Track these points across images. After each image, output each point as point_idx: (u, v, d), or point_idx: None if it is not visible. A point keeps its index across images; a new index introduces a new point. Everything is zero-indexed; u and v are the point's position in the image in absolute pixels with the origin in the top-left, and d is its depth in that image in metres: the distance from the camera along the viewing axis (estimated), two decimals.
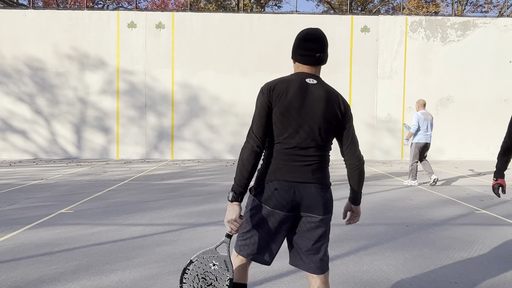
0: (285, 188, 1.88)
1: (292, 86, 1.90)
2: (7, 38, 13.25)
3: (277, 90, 1.89)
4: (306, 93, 1.90)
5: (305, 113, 1.89)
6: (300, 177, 1.90)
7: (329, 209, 1.96)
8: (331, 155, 2.14)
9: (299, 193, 1.89)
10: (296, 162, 1.90)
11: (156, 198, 6.51)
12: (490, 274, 3.37)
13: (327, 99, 1.93)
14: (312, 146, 1.91)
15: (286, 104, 1.87)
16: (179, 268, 3.44)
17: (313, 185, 1.91)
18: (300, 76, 1.95)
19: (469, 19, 13.91)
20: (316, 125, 1.89)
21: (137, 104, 13.49)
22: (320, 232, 1.95)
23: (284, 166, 1.90)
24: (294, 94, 1.88)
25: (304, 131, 1.89)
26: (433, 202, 6.37)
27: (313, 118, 1.89)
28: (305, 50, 1.94)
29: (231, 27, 13.60)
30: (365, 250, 3.96)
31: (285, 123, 1.88)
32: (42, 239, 4.24)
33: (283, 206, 1.88)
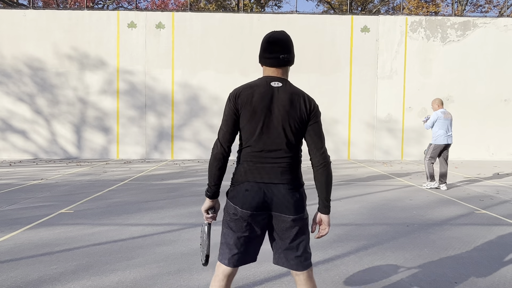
0: (255, 189, 1.94)
1: (257, 91, 1.96)
2: (7, 38, 13.25)
3: (242, 96, 1.96)
4: (271, 97, 1.95)
5: (271, 116, 1.94)
6: (269, 178, 1.95)
7: (300, 209, 1.98)
8: (330, 155, 2.14)
9: (269, 194, 1.94)
10: (266, 164, 1.96)
11: (156, 198, 6.51)
12: (490, 274, 3.37)
13: (292, 101, 1.96)
14: (280, 148, 1.96)
15: (251, 109, 1.94)
16: (179, 268, 3.44)
17: (283, 186, 1.96)
18: (265, 80, 1.99)
19: (469, 19, 13.91)
20: (282, 127, 1.95)
21: (137, 104, 13.49)
22: (295, 231, 1.98)
23: (254, 168, 1.96)
24: (259, 99, 1.94)
25: (271, 133, 1.95)
26: (433, 202, 6.37)
27: (279, 121, 1.94)
28: (269, 53, 1.98)
29: (231, 27, 13.60)
30: (365, 250, 3.96)
31: (252, 127, 1.95)
32: (42, 239, 4.24)
33: (253, 206, 1.93)
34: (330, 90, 13.72)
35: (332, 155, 13.69)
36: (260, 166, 1.96)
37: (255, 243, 2.02)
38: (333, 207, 5.93)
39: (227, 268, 2.01)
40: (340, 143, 13.75)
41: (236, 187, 1.99)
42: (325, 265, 3.53)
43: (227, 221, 2.01)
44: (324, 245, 4.10)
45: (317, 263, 3.59)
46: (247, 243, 1.99)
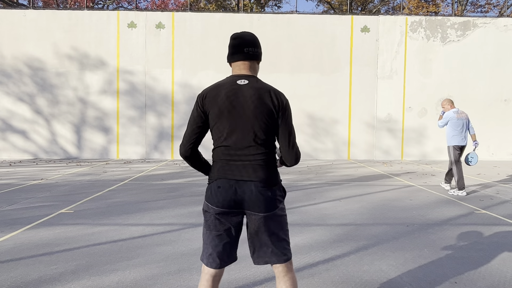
0: (226, 186, 1.95)
1: (223, 90, 1.96)
2: (7, 38, 13.25)
3: (209, 97, 1.97)
4: (236, 95, 1.95)
5: (238, 114, 1.94)
6: (240, 176, 1.95)
7: (271, 207, 1.96)
8: (330, 156, 2.14)
9: (240, 191, 1.94)
10: (237, 162, 1.96)
11: (156, 198, 6.51)
12: (490, 274, 3.37)
13: (259, 97, 1.94)
14: (251, 145, 1.95)
15: (218, 109, 1.95)
16: (179, 268, 3.44)
17: (253, 183, 1.94)
18: (232, 78, 2.00)
19: (469, 19, 13.91)
20: (250, 124, 1.94)
21: (137, 104, 13.49)
22: (268, 228, 1.98)
23: (226, 165, 1.97)
24: (224, 97, 1.95)
25: (240, 131, 1.94)
26: (433, 202, 6.37)
27: (246, 118, 1.94)
28: (233, 48, 2.02)
29: (231, 27, 13.59)
30: (365, 250, 3.96)
31: (221, 126, 1.96)
32: (42, 239, 4.24)
33: (224, 204, 1.94)
34: (330, 90, 13.72)
35: (332, 155, 13.70)
36: (232, 163, 1.97)
37: (230, 242, 2.01)
38: (333, 207, 5.93)
39: (210, 269, 2.02)
40: (340, 143, 13.75)
41: (210, 185, 2.01)
42: (325, 265, 3.53)
43: (204, 220, 2.04)
44: (324, 245, 4.10)
45: (317, 263, 3.59)
46: (221, 242, 1.99)
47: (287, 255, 2.04)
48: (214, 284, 2.03)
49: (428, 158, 13.77)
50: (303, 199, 6.58)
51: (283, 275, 2.03)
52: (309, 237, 4.37)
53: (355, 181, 8.62)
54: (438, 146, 13.72)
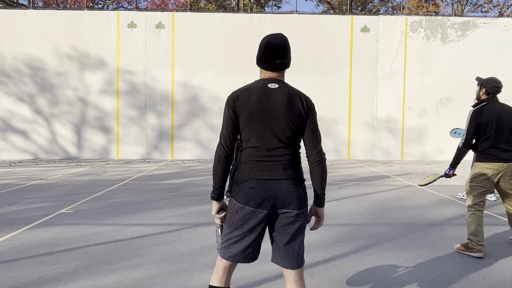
0: (258, 186, 2.00)
1: (254, 93, 2.03)
2: (7, 38, 13.25)
3: (240, 99, 2.03)
4: (268, 98, 2.02)
5: (269, 116, 2.01)
6: (271, 175, 2.01)
7: (303, 203, 2.05)
8: (330, 156, 2.15)
9: (273, 190, 2.00)
10: (267, 162, 2.03)
11: (156, 198, 6.51)
12: (490, 274, 3.37)
13: (289, 100, 2.03)
14: (280, 146, 2.03)
15: (250, 111, 2.01)
16: (179, 268, 3.44)
17: (286, 181, 2.02)
18: (262, 82, 2.07)
19: (469, 19, 13.91)
20: (280, 126, 2.02)
21: (137, 104, 13.49)
22: (297, 227, 2.05)
23: (256, 166, 2.03)
24: (256, 100, 2.02)
25: (270, 132, 2.02)
26: (433, 202, 6.37)
27: (277, 120, 2.02)
28: (266, 57, 2.06)
29: (231, 27, 13.60)
30: (365, 250, 3.96)
31: (251, 128, 2.02)
32: (42, 239, 4.24)
33: (258, 203, 2.00)
34: (330, 90, 13.72)
35: (332, 155, 13.70)
36: (262, 164, 2.02)
37: (256, 241, 2.07)
38: (333, 207, 5.93)
39: (227, 262, 2.10)
40: (340, 143, 13.75)
41: (240, 186, 2.05)
42: (325, 265, 3.53)
43: (230, 218, 2.07)
44: (324, 245, 4.10)
45: (317, 263, 3.59)
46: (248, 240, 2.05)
47: (302, 261, 2.10)
48: (229, 273, 2.14)
49: (428, 158, 13.77)
50: None
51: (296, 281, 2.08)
52: (309, 237, 4.37)
53: (355, 181, 8.62)
54: (438, 146, 13.72)
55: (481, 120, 3.81)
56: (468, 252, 3.83)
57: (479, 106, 3.92)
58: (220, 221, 2.19)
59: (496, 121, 3.81)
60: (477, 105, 3.96)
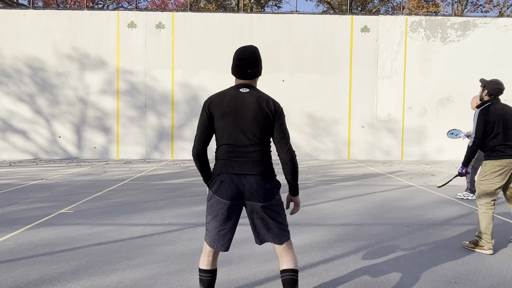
0: (229, 179, 2.24)
1: (227, 96, 2.29)
2: (7, 38, 13.25)
3: (214, 102, 2.29)
4: (238, 100, 2.27)
5: (239, 117, 2.25)
6: (241, 170, 2.24)
7: (268, 197, 2.26)
8: (330, 156, 2.17)
9: (241, 184, 2.23)
10: (238, 158, 2.25)
11: (156, 198, 6.51)
12: (490, 274, 3.37)
13: (257, 103, 2.26)
14: (250, 144, 2.25)
15: (222, 111, 2.26)
16: (179, 268, 3.44)
17: (254, 177, 2.24)
18: (235, 87, 2.33)
19: (469, 19, 13.91)
20: (249, 125, 2.25)
21: (137, 104, 13.49)
22: (267, 215, 2.28)
23: (228, 162, 2.27)
24: (228, 102, 2.26)
25: (240, 131, 2.25)
26: (433, 202, 6.37)
27: (246, 120, 2.25)
28: (239, 67, 2.31)
29: (231, 27, 13.59)
30: (365, 250, 3.96)
31: (224, 128, 2.27)
32: (42, 239, 4.24)
33: (227, 195, 2.23)
34: (330, 90, 13.72)
35: (332, 155, 13.70)
36: (234, 160, 2.26)
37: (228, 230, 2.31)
38: (333, 207, 5.94)
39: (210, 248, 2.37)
40: (340, 143, 13.75)
41: (214, 179, 2.30)
42: (325, 265, 3.53)
43: (208, 208, 2.32)
44: (324, 245, 4.10)
45: (317, 263, 3.59)
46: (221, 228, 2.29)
47: (286, 236, 2.35)
48: (214, 257, 2.40)
49: (428, 158, 13.76)
50: (303, 199, 6.58)
51: (285, 253, 2.35)
52: (309, 237, 4.37)
53: (355, 181, 8.62)
54: (438, 146, 13.71)
55: (488, 119, 3.90)
56: (478, 249, 3.87)
57: (485, 106, 4.01)
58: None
59: (502, 120, 3.89)
60: (481, 105, 4.07)
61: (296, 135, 13.63)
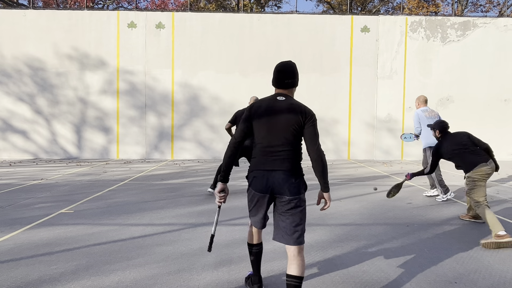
0: (260, 175, 2.56)
1: (266, 103, 2.62)
2: (7, 38, 13.25)
3: (255, 107, 2.64)
4: (274, 106, 2.58)
5: (274, 121, 2.55)
6: (271, 167, 2.54)
7: (295, 191, 2.50)
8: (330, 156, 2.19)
9: (271, 179, 2.52)
10: (269, 157, 2.56)
11: (156, 198, 6.51)
12: (490, 274, 3.37)
13: (291, 110, 2.55)
14: (280, 144, 2.54)
15: (260, 116, 2.59)
16: (179, 268, 3.44)
17: (281, 172, 2.52)
18: (274, 95, 2.65)
19: (469, 19, 13.91)
20: (281, 129, 2.54)
21: (137, 104, 13.49)
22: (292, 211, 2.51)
23: (261, 159, 2.59)
24: (265, 108, 2.59)
25: (273, 134, 2.55)
26: (433, 202, 6.37)
27: (280, 125, 2.55)
28: (278, 79, 2.64)
29: (231, 27, 13.59)
30: (365, 250, 3.96)
31: (260, 130, 2.59)
32: (42, 239, 4.24)
33: (259, 189, 2.55)
34: (330, 90, 13.72)
35: (332, 155, 13.70)
36: (265, 158, 2.57)
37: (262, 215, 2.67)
38: (333, 207, 5.94)
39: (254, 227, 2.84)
40: (340, 143, 13.75)
41: (250, 174, 2.64)
42: (325, 265, 3.53)
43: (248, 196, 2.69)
44: (324, 245, 4.10)
45: (317, 263, 3.59)
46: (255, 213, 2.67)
47: (300, 239, 2.52)
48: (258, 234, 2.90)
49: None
50: None
51: (295, 258, 2.51)
52: (309, 237, 4.37)
53: (355, 181, 8.62)
54: None
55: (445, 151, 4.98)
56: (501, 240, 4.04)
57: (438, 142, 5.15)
58: (219, 200, 2.70)
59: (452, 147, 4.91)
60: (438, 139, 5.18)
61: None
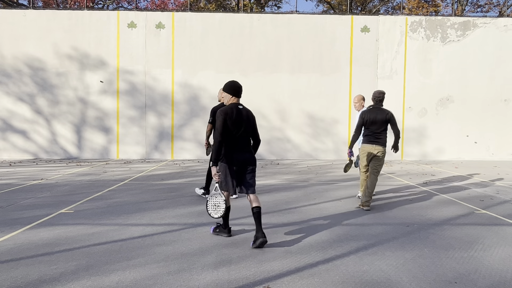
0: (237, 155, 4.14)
1: (234, 110, 4.14)
2: (7, 38, 13.25)
3: (228, 113, 4.09)
4: (240, 113, 4.16)
5: (240, 122, 4.14)
6: (243, 150, 4.18)
7: (255, 163, 4.25)
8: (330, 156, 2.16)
9: (243, 156, 4.16)
10: (241, 144, 4.16)
11: (156, 198, 6.51)
12: (490, 274, 3.37)
13: (247, 115, 4.22)
14: (246, 136, 4.20)
15: (233, 119, 4.09)
16: (179, 268, 3.44)
17: (248, 153, 4.21)
18: (236, 104, 4.20)
19: (469, 19, 13.91)
20: (245, 127, 4.17)
21: (137, 104, 13.48)
22: (252, 173, 4.22)
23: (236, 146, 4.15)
24: (236, 114, 4.13)
25: (241, 130, 4.15)
26: (433, 202, 6.37)
27: (243, 124, 4.16)
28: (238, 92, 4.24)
29: (231, 27, 13.59)
30: (365, 250, 3.96)
31: (234, 129, 4.10)
32: (42, 239, 4.24)
33: (236, 163, 4.14)
34: (330, 90, 13.71)
35: (332, 155, 13.70)
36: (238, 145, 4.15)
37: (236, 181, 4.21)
38: (333, 207, 5.94)
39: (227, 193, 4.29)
40: (340, 143, 13.75)
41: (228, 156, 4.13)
42: (325, 265, 3.53)
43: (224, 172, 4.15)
44: (324, 245, 4.10)
45: (317, 263, 3.59)
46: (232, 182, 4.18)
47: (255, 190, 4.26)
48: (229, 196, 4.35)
49: (428, 158, 13.77)
50: (303, 199, 6.58)
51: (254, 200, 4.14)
52: (309, 237, 4.37)
53: (355, 181, 8.61)
54: (438, 146, 13.71)
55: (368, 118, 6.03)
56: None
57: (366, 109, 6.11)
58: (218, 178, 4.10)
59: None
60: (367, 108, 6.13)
61: (296, 135, 13.63)
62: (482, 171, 10.43)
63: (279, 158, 13.61)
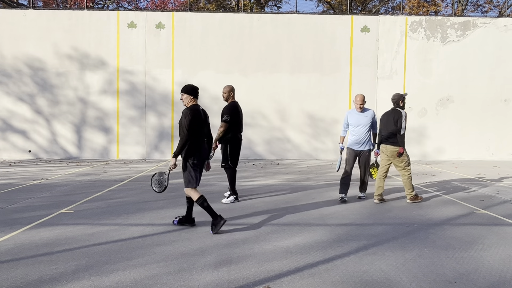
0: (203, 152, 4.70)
1: (200, 111, 4.66)
2: (7, 38, 13.25)
3: (196, 114, 4.58)
4: (204, 113, 4.76)
5: (204, 122, 4.73)
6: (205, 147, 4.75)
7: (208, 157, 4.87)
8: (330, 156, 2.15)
9: (206, 153, 4.75)
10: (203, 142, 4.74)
11: (156, 198, 6.51)
12: (490, 274, 3.37)
13: (205, 115, 4.79)
14: (207, 134, 4.82)
15: (199, 119, 4.62)
16: (179, 268, 3.44)
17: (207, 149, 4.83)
18: (198, 105, 4.72)
19: (469, 19, 13.90)
20: (207, 126, 4.84)
21: (137, 104, 13.48)
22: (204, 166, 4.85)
23: (202, 144, 4.70)
24: (202, 115, 4.69)
25: (205, 129, 4.75)
26: (433, 202, 6.37)
27: (206, 124, 4.80)
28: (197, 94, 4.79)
29: (231, 27, 13.59)
30: (365, 250, 3.96)
31: (199, 128, 4.61)
32: (42, 239, 4.24)
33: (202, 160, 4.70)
34: (330, 90, 13.71)
35: (332, 155, 13.69)
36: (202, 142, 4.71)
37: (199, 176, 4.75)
38: (333, 207, 5.94)
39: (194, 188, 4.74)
40: None
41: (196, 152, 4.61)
42: (325, 265, 3.53)
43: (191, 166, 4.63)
44: (324, 245, 4.10)
45: (317, 263, 3.59)
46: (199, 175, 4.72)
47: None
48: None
49: (428, 158, 13.76)
50: (303, 199, 6.58)
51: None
52: (309, 237, 4.37)
53: (355, 181, 8.61)
54: (438, 146, 13.71)
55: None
56: None
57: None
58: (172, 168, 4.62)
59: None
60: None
61: (296, 135, 13.63)
62: (482, 171, 10.43)
63: (279, 158, 13.61)
